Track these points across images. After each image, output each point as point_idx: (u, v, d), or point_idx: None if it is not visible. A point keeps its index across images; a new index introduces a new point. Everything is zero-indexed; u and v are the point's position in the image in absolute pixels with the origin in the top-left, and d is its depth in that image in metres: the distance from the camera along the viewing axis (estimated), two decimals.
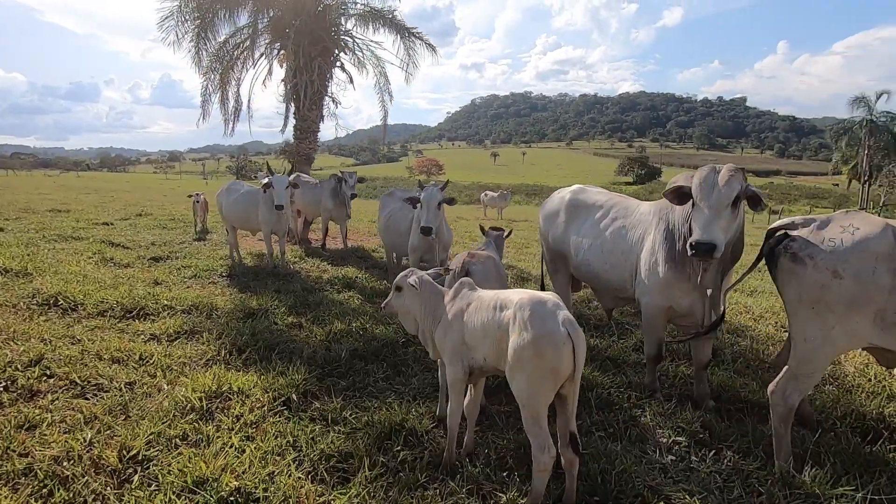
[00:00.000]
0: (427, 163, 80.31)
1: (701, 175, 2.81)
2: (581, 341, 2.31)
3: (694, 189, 2.80)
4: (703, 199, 2.75)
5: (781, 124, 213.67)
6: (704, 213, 2.73)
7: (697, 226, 2.73)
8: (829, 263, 2.57)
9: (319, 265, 7.80)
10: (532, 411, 2.37)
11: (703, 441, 2.99)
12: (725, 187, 2.73)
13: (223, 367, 3.76)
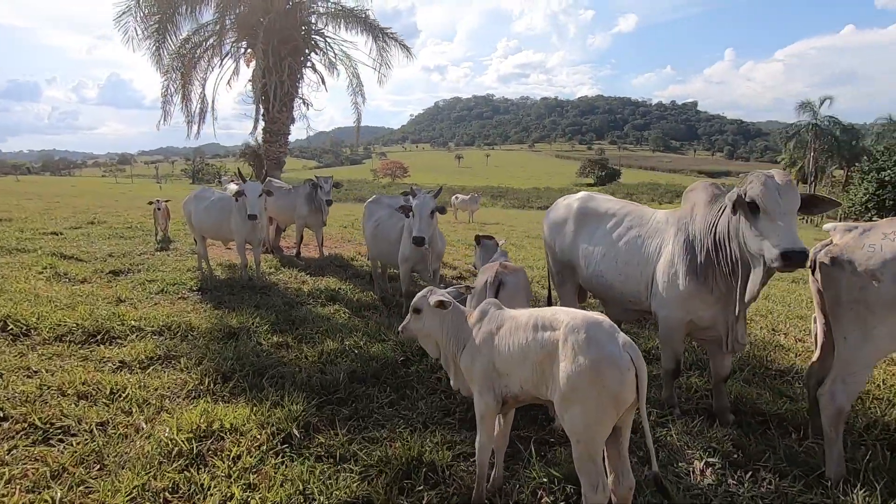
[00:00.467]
0: (392, 165, 79.56)
1: (760, 181, 2.66)
2: (643, 366, 2.10)
3: (760, 196, 2.64)
4: (774, 207, 2.60)
5: (730, 127, 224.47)
6: (783, 219, 2.58)
7: (776, 234, 2.57)
8: (868, 268, 2.61)
9: (297, 276, 7.38)
10: (588, 447, 2.14)
11: (738, 461, 2.85)
12: (793, 192, 2.63)
13: (210, 400, 3.37)
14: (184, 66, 9.63)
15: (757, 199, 2.63)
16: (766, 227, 2.61)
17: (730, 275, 2.96)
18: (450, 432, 3.16)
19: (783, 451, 2.93)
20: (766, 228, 2.61)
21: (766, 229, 2.60)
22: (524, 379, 2.33)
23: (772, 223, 2.58)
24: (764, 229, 2.62)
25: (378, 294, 6.41)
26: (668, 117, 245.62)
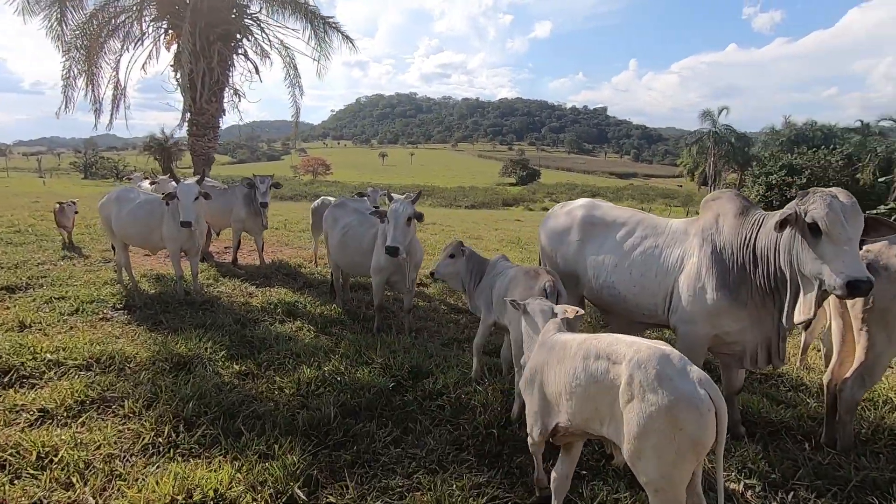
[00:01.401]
0: (313, 162, 76.38)
1: (825, 202, 2.51)
2: (723, 405, 1.88)
3: (824, 218, 2.50)
4: (839, 232, 2.47)
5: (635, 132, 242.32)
6: (846, 246, 2.47)
7: (840, 260, 2.45)
8: None
9: (241, 287, 6.57)
10: (667, 495, 1.90)
11: (776, 482, 2.77)
12: (858, 216, 2.53)
13: (176, 457, 2.72)
14: (91, 45, 8.27)
15: (820, 222, 2.51)
16: (829, 251, 2.49)
17: (770, 291, 2.88)
18: (471, 472, 2.80)
19: (812, 467, 2.89)
20: (828, 253, 2.49)
21: (829, 254, 2.49)
22: (573, 412, 2.10)
23: (835, 248, 2.47)
24: (826, 254, 2.50)
25: (340, 307, 5.84)
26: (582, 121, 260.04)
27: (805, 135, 40.41)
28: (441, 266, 3.94)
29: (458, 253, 3.91)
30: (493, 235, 15.74)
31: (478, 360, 3.86)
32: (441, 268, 3.95)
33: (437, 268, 3.96)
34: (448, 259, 3.92)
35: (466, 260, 3.95)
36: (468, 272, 3.92)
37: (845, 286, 2.39)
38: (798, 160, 32.38)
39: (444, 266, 3.94)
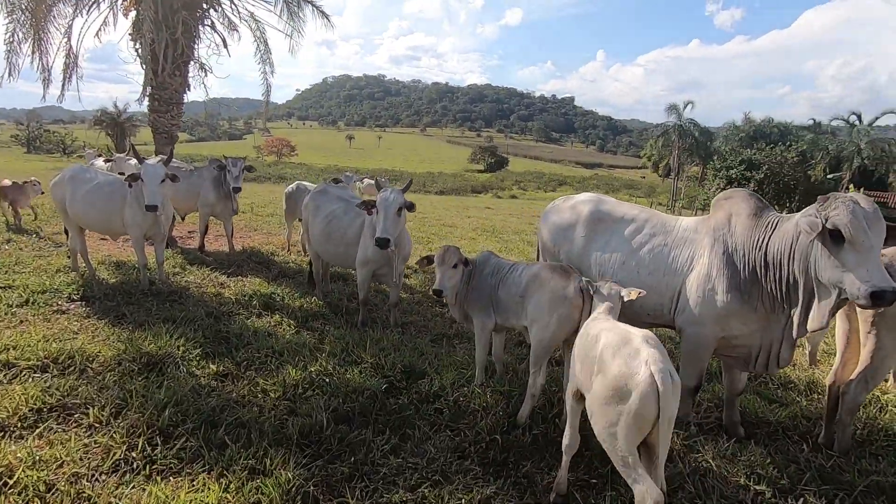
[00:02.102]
0: (277, 143, 73.91)
1: (849, 209, 2.44)
2: (669, 385, 2.02)
3: (848, 226, 2.43)
4: (862, 240, 2.40)
5: (601, 123, 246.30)
6: (869, 254, 2.40)
7: (865, 269, 2.38)
8: None
9: (211, 277, 6.16)
10: (615, 455, 2.18)
11: (784, 487, 2.74)
12: (881, 222, 2.45)
13: (154, 475, 2.44)
14: (37, 7, 7.48)
15: (843, 229, 2.43)
16: (851, 259, 2.42)
17: (782, 296, 2.81)
18: (477, 483, 2.65)
19: (816, 470, 2.89)
20: (850, 261, 2.42)
21: (851, 262, 2.42)
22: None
23: (858, 256, 2.40)
24: (848, 262, 2.43)
25: (321, 299, 5.55)
26: (550, 110, 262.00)
27: (763, 131, 42.06)
28: (446, 279, 3.36)
29: (461, 261, 3.42)
30: (467, 223, 15.58)
31: (481, 372, 3.61)
32: (447, 281, 3.36)
33: (443, 282, 3.34)
34: (451, 270, 3.38)
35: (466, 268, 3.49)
36: (465, 279, 3.51)
37: (870, 296, 2.33)
38: (756, 156, 33.65)
39: (449, 279, 3.37)
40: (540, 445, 3.00)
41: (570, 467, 2.83)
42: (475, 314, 3.50)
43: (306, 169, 52.69)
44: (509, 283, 3.34)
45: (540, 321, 3.06)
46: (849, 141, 35.32)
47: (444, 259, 3.36)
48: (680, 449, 3.01)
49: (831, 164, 35.51)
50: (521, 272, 3.34)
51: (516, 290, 3.27)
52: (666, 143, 43.06)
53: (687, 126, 41.45)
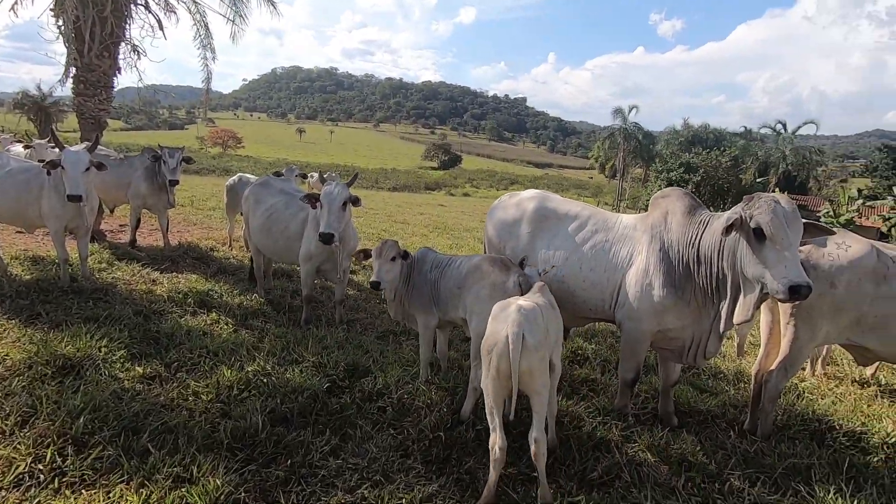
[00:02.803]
0: (223, 134, 70.73)
1: (770, 208, 2.57)
2: (518, 346, 2.30)
3: (768, 224, 2.56)
4: (782, 237, 2.53)
5: (552, 124, 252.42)
6: (787, 252, 2.52)
7: (782, 265, 2.50)
8: (828, 275, 2.99)
9: (142, 273, 5.77)
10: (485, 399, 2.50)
11: (713, 473, 2.87)
12: (799, 222, 2.59)
13: (63, 489, 2.23)
14: None
15: (765, 227, 2.57)
16: (771, 256, 2.55)
17: (712, 290, 2.94)
18: (419, 481, 2.60)
19: (741, 455, 3.05)
20: (770, 258, 2.55)
21: (771, 259, 2.55)
22: None
23: (778, 253, 2.54)
24: (768, 259, 2.56)
25: (262, 296, 5.33)
26: (502, 109, 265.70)
27: (700, 136, 44.54)
28: (384, 272, 3.26)
29: (399, 254, 3.35)
30: (419, 220, 15.53)
31: (426, 369, 3.57)
32: (385, 274, 3.27)
33: (381, 275, 3.25)
34: (389, 263, 3.29)
35: (406, 261, 3.44)
36: (404, 274, 3.44)
37: (787, 290, 2.47)
38: (694, 159, 35.59)
39: (387, 272, 3.28)
40: (483, 441, 2.96)
41: (509, 463, 2.85)
42: (418, 312, 3.45)
43: (253, 162, 50.70)
44: (448, 276, 3.33)
45: (480, 313, 3.05)
46: (775, 148, 38.04)
47: (382, 252, 3.28)
48: (618, 440, 3.10)
49: (760, 168, 38.11)
50: (459, 264, 3.34)
51: (455, 282, 3.26)
52: (612, 145, 44.74)
53: (632, 129, 43.25)
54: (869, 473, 2.94)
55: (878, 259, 2.99)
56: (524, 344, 2.30)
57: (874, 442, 3.36)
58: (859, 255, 2.98)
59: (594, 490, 2.62)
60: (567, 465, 2.84)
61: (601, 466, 2.82)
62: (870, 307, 2.98)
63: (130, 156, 7.45)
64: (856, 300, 2.97)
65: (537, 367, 2.37)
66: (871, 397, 4.17)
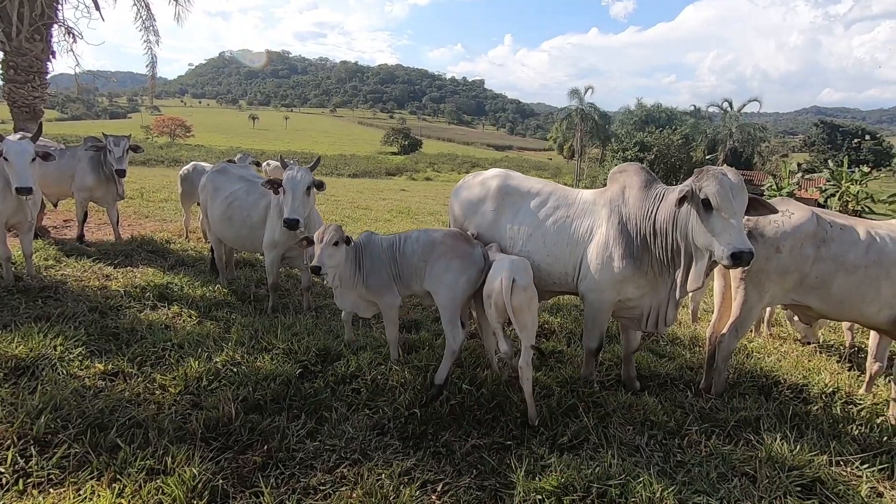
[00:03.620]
0: (169, 122, 67.38)
1: (717, 180, 2.72)
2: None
3: (715, 195, 2.71)
4: (728, 206, 2.69)
5: (510, 106, 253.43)
6: (734, 220, 2.68)
7: (728, 233, 2.66)
8: (774, 241, 3.22)
9: (94, 269, 5.51)
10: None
11: (672, 429, 3.06)
12: (744, 193, 2.74)
13: (30, 490, 2.15)
14: None
15: (711, 198, 2.72)
16: (718, 225, 2.71)
17: (668, 261, 3.09)
18: (397, 457, 2.66)
19: (698, 412, 3.26)
20: (717, 227, 2.71)
21: (718, 228, 2.71)
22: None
23: (723, 222, 2.69)
24: (715, 227, 2.72)
25: (226, 286, 5.20)
26: (461, 92, 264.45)
27: (653, 116, 45.80)
28: (325, 257, 3.18)
29: (342, 239, 3.28)
30: (382, 205, 15.41)
31: (396, 349, 3.63)
32: (327, 259, 3.19)
33: (322, 259, 3.17)
34: (331, 248, 3.21)
35: (350, 245, 3.38)
36: (351, 260, 3.39)
37: (730, 257, 2.65)
38: (648, 138, 36.69)
39: (328, 256, 3.20)
40: (457, 415, 3.07)
41: (486, 433, 2.95)
42: (380, 295, 3.46)
43: (205, 151, 48.65)
44: (409, 252, 3.41)
45: (448, 282, 3.27)
46: (722, 125, 39.70)
47: (324, 236, 3.23)
48: (585, 405, 3.25)
49: (709, 145, 39.74)
50: (416, 239, 3.43)
51: (419, 256, 3.37)
52: (570, 126, 45.46)
53: (588, 110, 44.05)
54: (810, 420, 3.21)
55: (818, 224, 3.23)
56: (514, 285, 2.88)
57: (814, 392, 3.66)
58: (801, 221, 3.21)
59: (564, 453, 2.75)
60: (539, 432, 2.97)
61: (570, 431, 2.96)
62: (811, 268, 3.22)
63: (72, 146, 7.02)
64: (798, 263, 3.20)
65: (526, 305, 2.91)
66: (811, 353, 4.51)
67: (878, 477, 2.73)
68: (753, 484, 2.59)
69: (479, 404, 3.15)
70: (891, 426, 3.21)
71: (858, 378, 4.01)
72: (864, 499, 2.51)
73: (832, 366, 4.23)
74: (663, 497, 2.40)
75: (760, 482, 2.59)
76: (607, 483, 2.46)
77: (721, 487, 2.53)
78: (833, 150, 52.79)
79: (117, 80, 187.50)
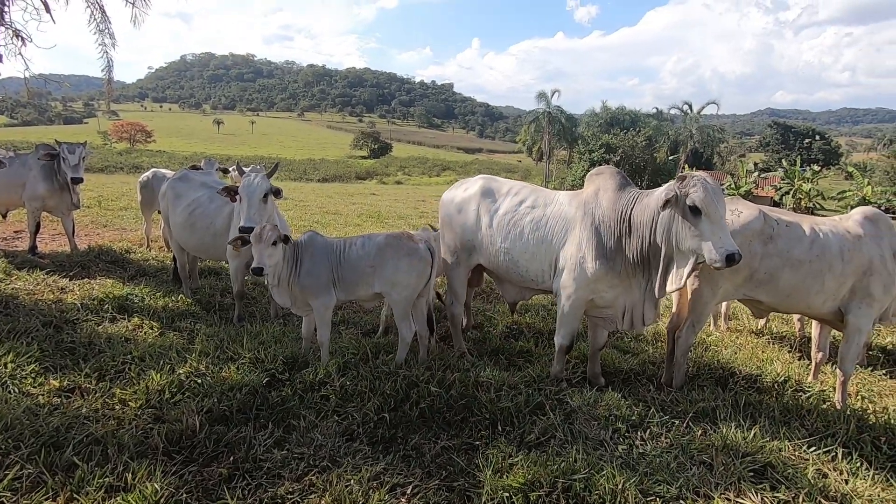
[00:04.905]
0: (129, 127, 65.14)
1: (704, 186, 2.87)
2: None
3: (702, 201, 2.85)
4: (715, 212, 2.84)
5: (479, 109, 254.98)
6: (720, 225, 2.84)
7: (718, 237, 2.81)
8: None
9: (48, 282, 5.29)
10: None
11: (635, 422, 3.16)
12: (723, 198, 2.92)
13: None
14: None
15: (700, 204, 2.87)
16: (707, 229, 2.87)
17: (641, 262, 3.20)
18: (366, 462, 2.66)
19: (659, 404, 3.38)
20: (706, 231, 2.87)
21: (707, 232, 2.87)
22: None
23: (712, 226, 2.86)
24: (705, 232, 2.87)
25: (189, 296, 5.08)
26: (430, 96, 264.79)
27: (618, 118, 47.04)
28: (265, 258, 3.26)
29: (280, 238, 3.34)
30: (352, 210, 15.30)
31: (327, 352, 3.67)
32: (267, 259, 3.26)
33: (262, 260, 3.24)
34: (270, 248, 3.28)
35: (289, 245, 3.46)
36: (288, 258, 3.45)
37: (725, 259, 2.81)
38: (613, 140, 37.63)
39: (269, 257, 3.28)
40: (427, 417, 3.10)
41: (456, 434, 2.98)
42: (315, 297, 3.52)
43: (167, 157, 47.33)
44: (354, 258, 3.51)
45: (402, 282, 3.49)
46: (683, 127, 41.04)
47: (262, 237, 3.27)
48: (552, 402, 3.32)
49: (671, 147, 41.02)
50: (362, 245, 3.55)
51: (366, 262, 3.48)
52: (538, 128, 46.20)
53: (555, 113, 44.87)
54: (762, 409, 3.37)
55: (765, 221, 3.41)
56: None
57: (767, 382, 3.85)
58: (749, 219, 3.39)
59: (531, 450, 2.80)
60: (506, 431, 3.02)
61: (537, 429, 3.02)
62: (759, 264, 3.39)
63: (22, 154, 6.73)
64: (748, 259, 3.36)
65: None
66: (764, 344, 4.74)
67: (824, 459, 2.89)
68: (710, 471, 2.71)
69: (448, 406, 3.17)
70: (835, 411, 3.40)
71: (808, 367, 4.23)
72: (811, 480, 2.66)
73: (784, 356, 4.45)
74: (625, 488, 2.48)
75: (717, 469, 2.71)
76: (572, 478, 2.53)
77: (680, 476, 2.64)
78: (786, 149, 55.36)
79: (71, 84, 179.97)
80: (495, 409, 3.12)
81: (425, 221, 9.37)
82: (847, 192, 30.54)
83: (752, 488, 2.57)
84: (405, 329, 3.61)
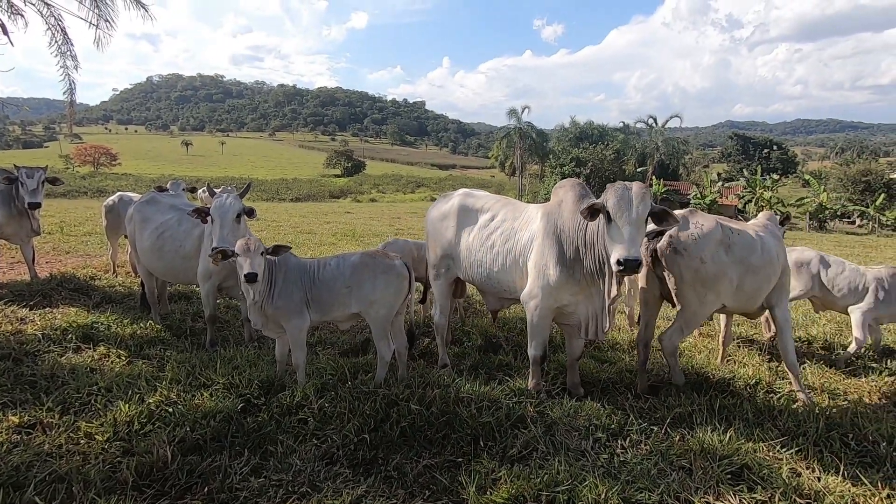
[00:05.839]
0: (92, 150, 63.39)
1: (617, 194, 2.93)
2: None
3: (612, 207, 2.91)
4: (622, 217, 2.88)
5: (451, 126, 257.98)
6: (626, 230, 2.86)
7: (620, 243, 2.85)
8: (696, 252, 3.46)
9: (6, 313, 5.04)
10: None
11: (615, 431, 3.19)
12: (642, 206, 2.92)
13: None
14: None
15: (610, 209, 2.94)
16: (616, 234, 2.92)
17: (597, 271, 3.26)
18: (347, 486, 2.61)
19: (637, 412, 3.42)
20: (615, 236, 2.92)
21: (616, 237, 2.92)
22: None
23: (618, 231, 2.90)
24: (614, 237, 2.93)
25: (158, 322, 4.92)
26: (402, 114, 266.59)
27: (587, 132, 48.20)
28: (256, 265, 3.24)
29: (266, 251, 3.34)
30: (326, 229, 15.17)
31: (303, 374, 3.60)
32: (258, 267, 3.25)
33: (254, 266, 3.23)
34: (259, 257, 3.27)
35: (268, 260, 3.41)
36: (266, 277, 3.39)
37: (616, 263, 2.87)
38: (583, 154, 38.54)
39: (259, 265, 3.26)
40: (408, 436, 3.05)
41: (438, 451, 2.95)
42: (288, 319, 3.46)
43: (134, 180, 46.11)
44: (328, 279, 3.49)
45: (380, 300, 3.49)
46: (649, 140, 42.34)
47: (250, 246, 3.27)
48: (533, 415, 3.32)
49: (639, 159, 42.24)
50: (337, 265, 3.53)
51: (342, 282, 3.47)
52: (509, 144, 46.94)
53: (526, 129, 45.72)
54: (736, 411, 3.45)
55: (722, 231, 3.55)
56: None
57: (739, 385, 3.94)
58: (710, 230, 3.51)
59: (514, 464, 2.79)
60: (489, 446, 3.00)
61: (519, 442, 3.01)
62: (729, 271, 3.51)
63: None
64: (721, 266, 3.48)
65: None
66: (735, 348, 4.86)
67: (797, 458, 2.97)
68: (690, 476, 2.75)
69: (429, 423, 3.14)
70: (804, 410, 3.50)
71: (778, 368, 4.36)
72: (786, 480, 2.72)
73: (754, 359, 4.58)
74: (608, 497, 2.49)
75: (696, 473, 2.75)
76: (555, 490, 2.53)
77: (661, 482, 2.66)
78: (747, 160, 57.70)
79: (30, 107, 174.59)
80: (477, 424, 3.10)
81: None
82: (805, 199, 31.97)
83: (730, 490, 2.62)
84: (384, 348, 3.58)
